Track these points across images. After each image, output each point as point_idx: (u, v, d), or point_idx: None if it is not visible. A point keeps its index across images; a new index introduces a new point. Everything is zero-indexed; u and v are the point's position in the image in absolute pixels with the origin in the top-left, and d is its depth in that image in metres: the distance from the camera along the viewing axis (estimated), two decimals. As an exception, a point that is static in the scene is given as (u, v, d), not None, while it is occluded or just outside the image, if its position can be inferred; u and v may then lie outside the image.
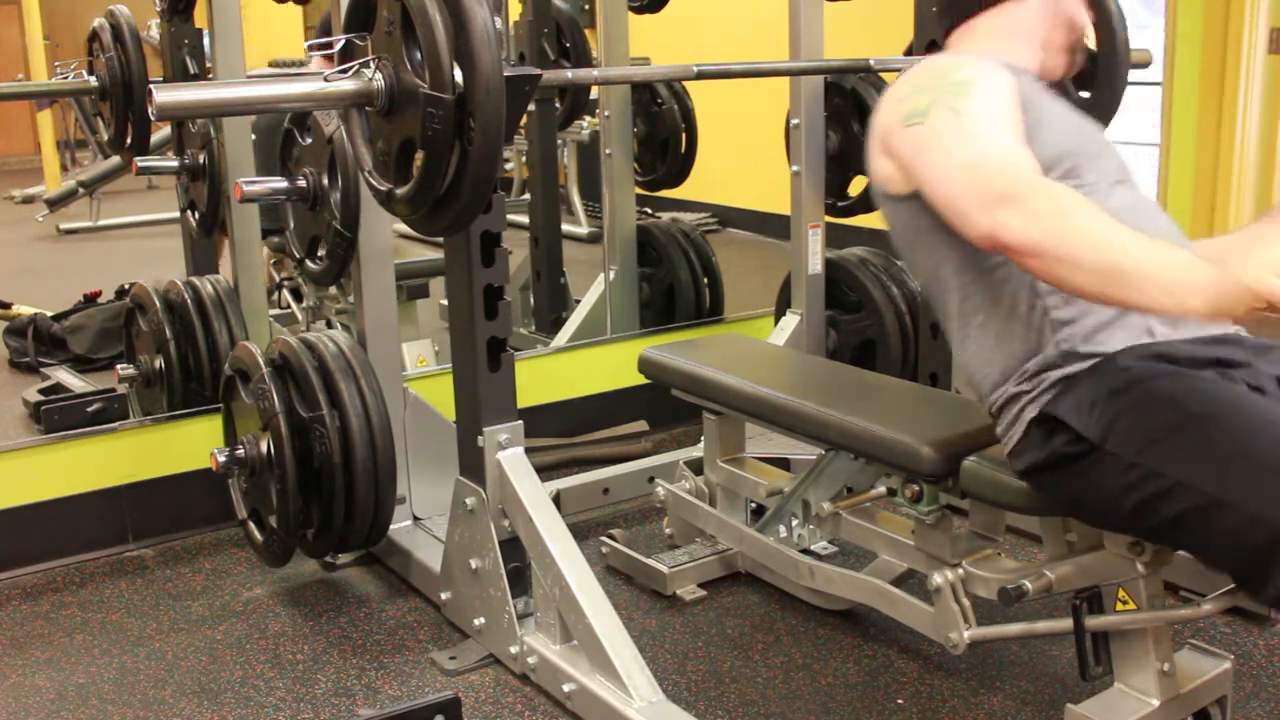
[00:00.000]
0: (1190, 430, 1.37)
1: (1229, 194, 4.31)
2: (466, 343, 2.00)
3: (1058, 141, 1.58)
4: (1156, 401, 1.41)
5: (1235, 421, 1.35)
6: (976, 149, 1.46)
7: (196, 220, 3.01)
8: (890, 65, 2.35)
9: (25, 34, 7.22)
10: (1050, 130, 1.58)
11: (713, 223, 6.22)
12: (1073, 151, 1.59)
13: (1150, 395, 1.42)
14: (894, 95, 1.67)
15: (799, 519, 2.15)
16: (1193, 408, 1.38)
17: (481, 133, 1.55)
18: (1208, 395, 1.38)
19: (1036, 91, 1.65)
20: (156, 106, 1.52)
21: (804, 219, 2.75)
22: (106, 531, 2.62)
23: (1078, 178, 1.56)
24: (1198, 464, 1.35)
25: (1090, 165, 1.60)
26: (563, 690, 1.91)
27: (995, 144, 1.47)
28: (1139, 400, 1.42)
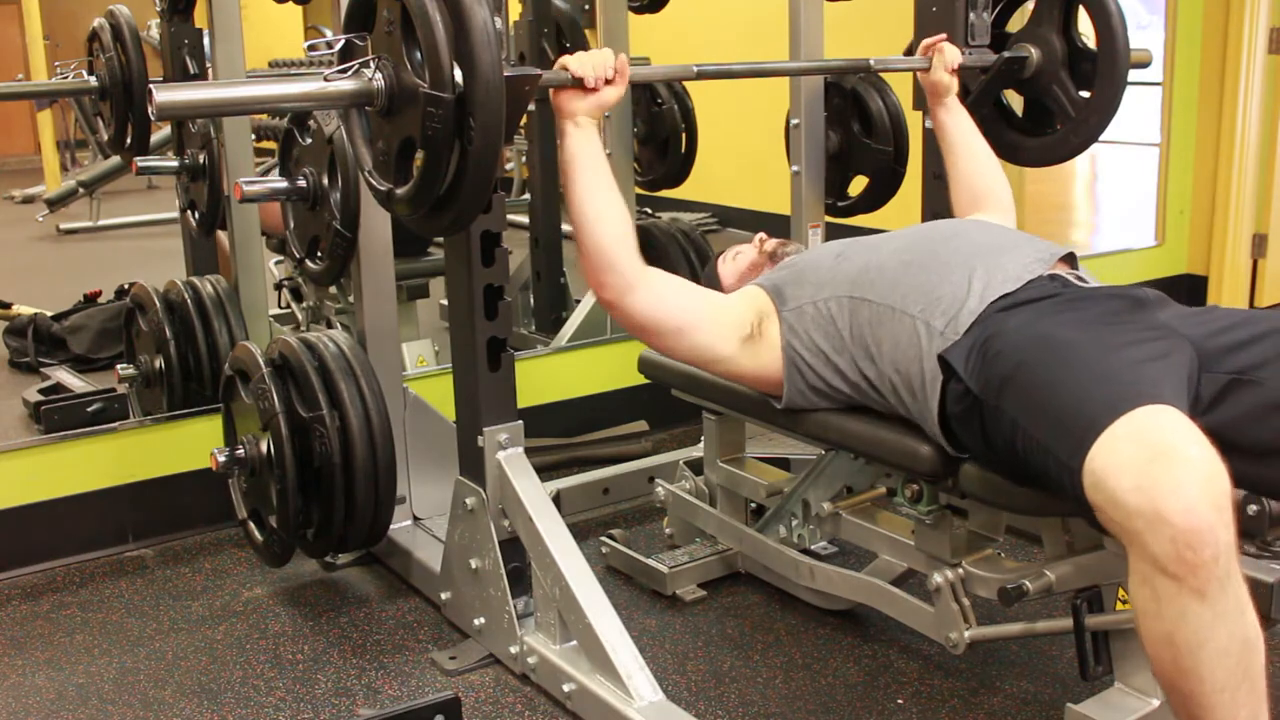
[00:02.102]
0: (1022, 374, 1.50)
1: (1229, 194, 4.30)
2: (466, 343, 2.00)
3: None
4: (1010, 348, 1.55)
5: (1056, 360, 1.47)
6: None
7: (196, 220, 3.01)
8: (890, 65, 2.34)
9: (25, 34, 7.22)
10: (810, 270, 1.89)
11: (713, 223, 6.22)
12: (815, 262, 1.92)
13: (1006, 343, 1.56)
14: None
15: (799, 519, 2.15)
16: (1028, 348, 1.52)
17: (481, 133, 1.54)
18: (1044, 333, 1.53)
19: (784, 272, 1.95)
20: (156, 106, 1.52)
21: (804, 219, 2.75)
22: (106, 531, 2.62)
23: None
24: (1029, 410, 1.47)
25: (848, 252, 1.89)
26: (563, 690, 1.91)
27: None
28: (997, 347, 1.56)
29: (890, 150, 2.81)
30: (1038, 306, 1.62)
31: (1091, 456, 1.31)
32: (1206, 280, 4.41)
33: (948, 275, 1.71)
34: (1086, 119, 2.37)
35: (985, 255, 1.74)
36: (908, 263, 1.77)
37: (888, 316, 1.73)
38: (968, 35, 2.42)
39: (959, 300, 1.66)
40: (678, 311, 1.81)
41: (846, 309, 1.78)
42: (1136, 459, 1.27)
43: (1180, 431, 1.28)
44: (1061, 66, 2.39)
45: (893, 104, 2.81)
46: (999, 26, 2.53)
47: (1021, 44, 2.45)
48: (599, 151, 1.80)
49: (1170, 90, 4.32)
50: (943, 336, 1.65)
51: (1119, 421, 1.31)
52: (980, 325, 1.62)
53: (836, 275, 1.83)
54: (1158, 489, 1.23)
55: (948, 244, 1.80)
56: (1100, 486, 1.29)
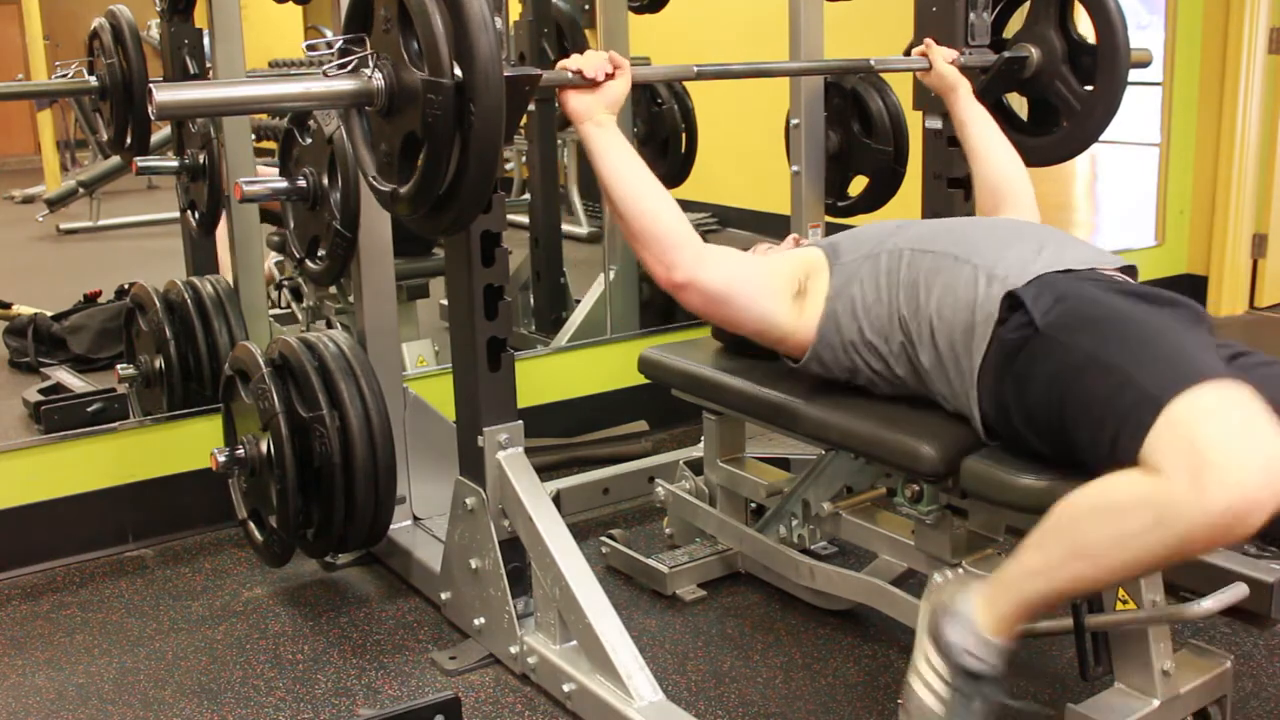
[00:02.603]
0: (1112, 321, 1.51)
1: (1229, 194, 4.31)
2: (466, 343, 2.00)
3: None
4: (1085, 303, 1.56)
5: (1144, 325, 1.49)
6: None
7: (196, 220, 3.01)
8: (890, 65, 2.35)
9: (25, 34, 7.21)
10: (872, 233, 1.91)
11: (713, 223, 6.22)
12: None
13: (1082, 300, 1.57)
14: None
15: (799, 519, 2.15)
16: (1114, 310, 1.54)
17: (482, 127, 1.54)
18: (1125, 310, 1.54)
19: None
20: (156, 106, 1.52)
21: (804, 219, 2.75)
22: (106, 531, 2.62)
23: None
24: (1116, 343, 1.46)
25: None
26: (563, 690, 1.91)
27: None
28: (1073, 303, 1.57)
29: (890, 150, 2.81)
30: (1110, 287, 1.62)
31: (1192, 394, 1.31)
32: (1206, 280, 4.41)
33: (1016, 243, 1.71)
34: (1092, 111, 2.37)
35: (1053, 239, 1.75)
36: (974, 228, 1.80)
37: (948, 265, 1.71)
38: (968, 35, 2.42)
39: (1024, 261, 1.65)
40: (745, 279, 1.82)
41: (906, 258, 1.77)
42: (1234, 417, 1.27)
43: (1258, 412, 1.29)
44: (1062, 62, 2.39)
45: (893, 104, 2.81)
46: (999, 27, 2.54)
47: (1021, 44, 2.45)
48: (627, 146, 1.81)
49: (1170, 90, 4.32)
50: (1003, 282, 1.63)
51: (1220, 382, 1.32)
52: (1049, 284, 1.61)
53: (899, 236, 1.83)
54: (1241, 454, 1.23)
55: (1015, 226, 1.84)
56: (1184, 422, 1.29)
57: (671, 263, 1.77)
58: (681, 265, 1.77)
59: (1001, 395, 1.61)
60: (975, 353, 1.64)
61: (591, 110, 1.79)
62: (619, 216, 1.80)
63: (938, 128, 2.50)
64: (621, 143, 1.80)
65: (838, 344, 1.84)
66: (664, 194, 1.80)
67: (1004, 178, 2.20)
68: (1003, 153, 2.22)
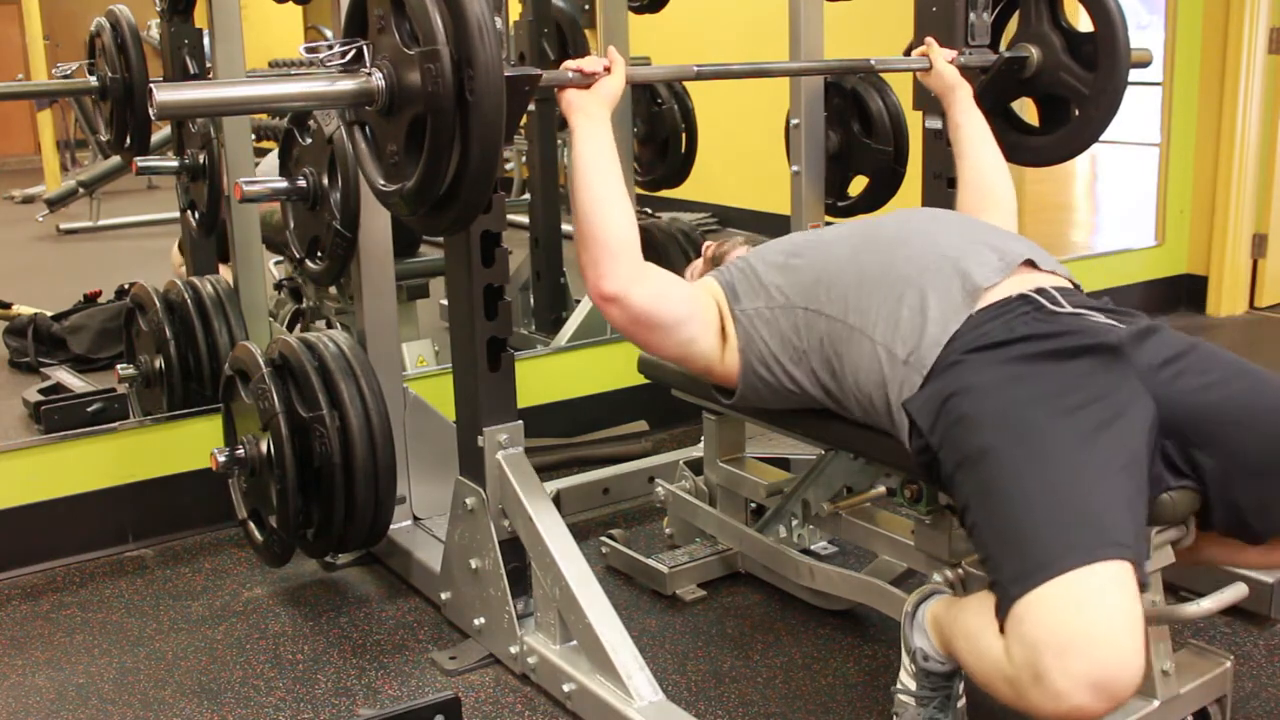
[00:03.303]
0: (984, 466, 1.45)
1: (1229, 194, 4.31)
2: (466, 343, 2.00)
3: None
4: (974, 417, 1.50)
5: (1019, 459, 1.43)
6: None
7: (196, 220, 3.01)
8: (890, 65, 2.34)
9: (25, 34, 7.21)
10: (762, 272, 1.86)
11: (713, 223, 6.22)
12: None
13: (971, 407, 1.51)
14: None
15: (799, 519, 2.15)
16: (992, 429, 1.47)
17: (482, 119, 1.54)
18: (1011, 416, 1.47)
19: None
20: (157, 106, 1.52)
21: (804, 219, 2.74)
22: (106, 531, 2.62)
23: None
24: (984, 509, 1.44)
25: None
26: (563, 690, 1.91)
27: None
28: (962, 410, 1.51)
29: (890, 150, 2.81)
30: (1005, 355, 1.55)
31: (1031, 599, 1.31)
32: (1206, 280, 4.41)
33: (904, 293, 1.66)
34: (1101, 93, 2.36)
35: (940, 270, 1.67)
36: (859, 273, 1.73)
37: (845, 334, 1.71)
38: (968, 35, 2.42)
39: (918, 327, 1.62)
40: (677, 305, 1.81)
41: (802, 321, 1.77)
42: (1073, 626, 1.28)
43: (1111, 616, 1.29)
44: (1063, 54, 2.40)
45: (893, 104, 2.81)
46: (999, 27, 2.54)
47: (1021, 44, 2.45)
48: (609, 144, 1.79)
49: (1170, 90, 4.32)
50: (906, 366, 1.61)
51: (1062, 579, 1.31)
52: (946, 369, 1.57)
53: (790, 281, 1.81)
54: (1072, 671, 1.26)
55: (898, 252, 1.74)
56: (1023, 627, 1.31)
57: (603, 272, 1.76)
58: (612, 277, 1.75)
59: (925, 474, 1.64)
60: (902, 431, 1.64)
61: (584, 103, 1.79)
62: (574, 212, 1.78)
63: (938, 128, 2.50)
64: (605, 141, 1.79)
65: (763, 391, 1.85)
66: (624, 203, 1.77)
67: (989, 184, 2.18)
68: (991, 159, 2.22)
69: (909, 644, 1.64)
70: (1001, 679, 1.35)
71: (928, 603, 1.65)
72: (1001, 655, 1.34)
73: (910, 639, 1.64)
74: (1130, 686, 1.27)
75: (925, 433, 1.56)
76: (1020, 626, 1.32)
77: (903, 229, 1.83)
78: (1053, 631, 1.28)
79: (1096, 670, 1.25)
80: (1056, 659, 1.27)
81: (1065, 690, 1.26)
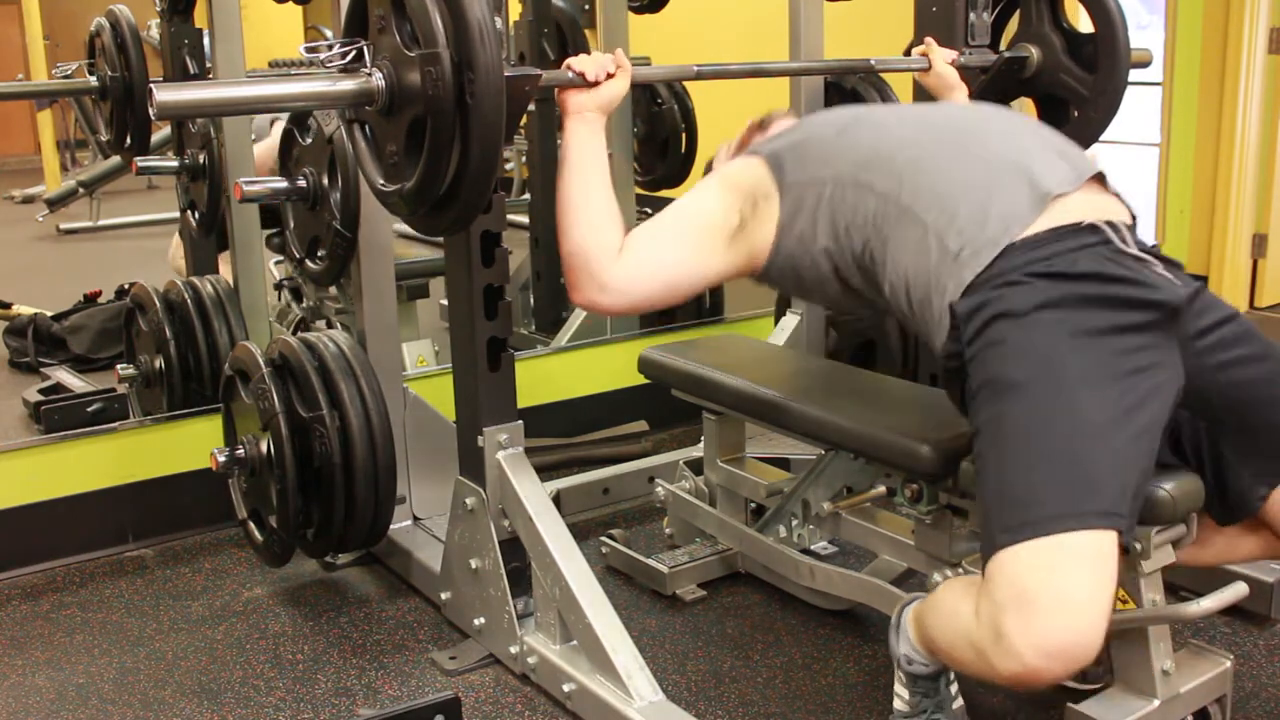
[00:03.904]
0: (1009, 402, 1.44)
1: (1229, 194, 4.31)
2: (466, 343, 2.00)
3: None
4: (1015, 346, 1.47)
5: (1044, 409, 1.42)
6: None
7: (196, 220, 3.01)
8: (890, 65, 2.35)
9: (25, 34, 7.21)
10: (814, 143, 1.78)
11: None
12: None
13: (1015, 334, 1.47)
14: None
15: (799, 519, 2.15)
16: (1030, 368, 1.44)
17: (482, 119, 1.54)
18: (1052, 363, 1.44)
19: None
20: (157, 106, 1.52)
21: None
22: (106, 531, 2.62)
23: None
24: (994, 447, 1.45)
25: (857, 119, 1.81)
26: (563, 690, 1.91)
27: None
28: (1003, 334, 1.48)
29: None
30: (1066, 291, 1.47)
31: (1011, 553, 1.34)
32: (1206, 280, 4.41)
33: (966, 184, 1.58)
34: (1100, 94, 2.36)
35: (1007, 168, 1.59)
36: (920, 155, 1.64)
37: (895, 215, 1.61)
38: (968, 35, 2.43)
39: (977, 222, 1.53)
40: (660, 276, 1.73)
41: (850, 195, 1.66)
42: (1045, 589, 1.31)
43: (1080, 585, 1.31)
44: (1063, 54, 2.40)
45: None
46: (999, 27, 2.54)
47: (1021, 44, 2.45)
48: (599, 150, 1.77)
49: (1170, 90, 4.32)
50: (957, 261, 1.53)
51: (1045, 540, 1.33)
52: (1001, 284, 1.49)
53: (841, 153, 1.71)
54: (1030, 633, 1.30)
55: (967, 142, 1.66)
56: (995, 580, 1.35)
57: (572, 283, 1.73)
58: (579, 288, 1.72)
59: (947, 379, 1.61)
60: (937, 330, 1.58)
61: (583, 106, 1.78)
62: (558, 214, 1.74)
63: (938, 128, 2.50)
64: (596, 145, 1.77)
65: (789, 271, 1.77)
66: (606, 210, 1.73)
67: None
68: None
69: (895, 653, 1.65)
70: (967, 643, 1.37)
71: (909, 607, 1.66)
72: (971, 617, 1.37)
73: (895, 647, 1.65)
74: (1085, 658, 1.30)
75: (963, 339, 1.51)
76: (991, 583, 1.35)
77: (970, 119, 1.75)
78: (1020, 591, 1.31)
79: (1053, 636, 1.29)
80: (1017, 618, 1.30)
81: (1020, 650, 1.29)
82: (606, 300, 1.73)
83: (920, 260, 1.58)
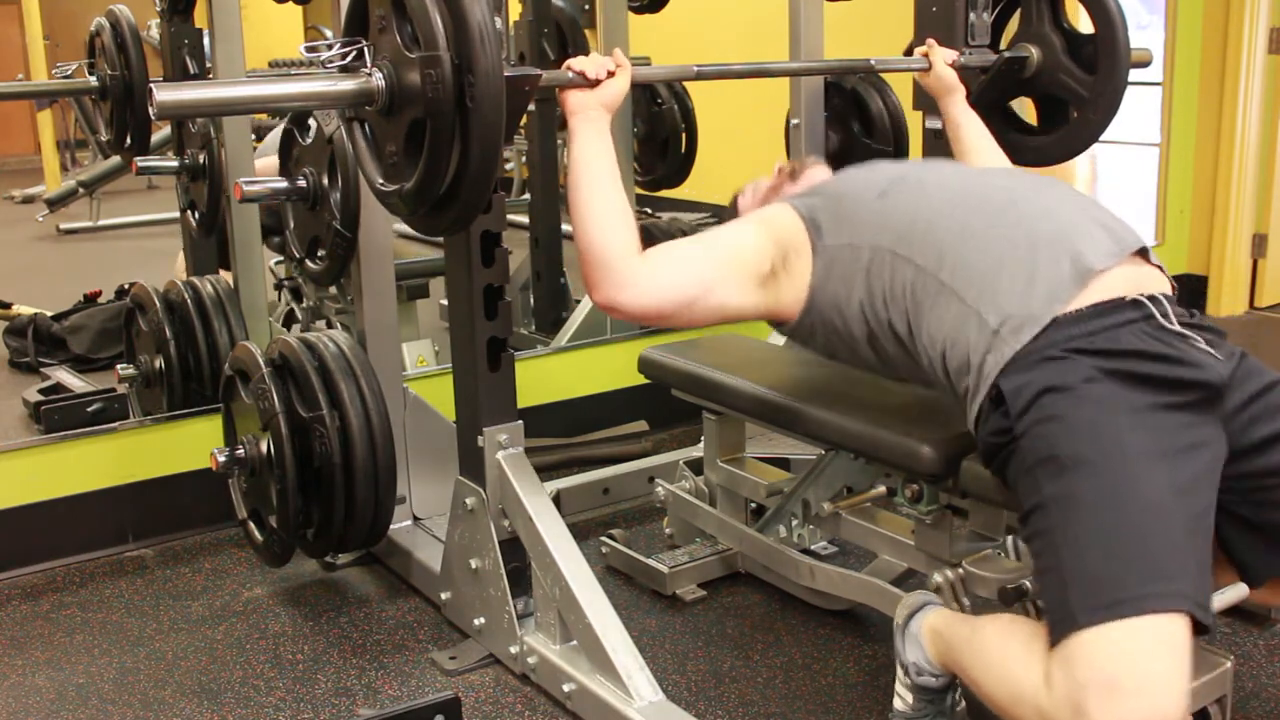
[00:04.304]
0: (1078, 479, 1.41)
1: (1229, 194, 4.31)
2: (466, 343, 2.00)
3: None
4: (1070, 422, 1.44)
5: (1112, 490, 1.39)
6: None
7: (196, 220, 3.01)
8: (890, 65, 2.35)
9: (25, 34, 7.21)
10: (851, 204, 1.78)
11: (713, 223, 6.20)
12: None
13: (1069, 410, 1.45)
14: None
15: (799, 519, 2.15)
16: (1092, 447, 1.42)
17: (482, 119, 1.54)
18: (1113, 442, 1.42)
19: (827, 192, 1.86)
20: (157, 105, 1.52)
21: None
22: (106, 531, 2.62)
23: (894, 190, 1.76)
24: (1068, 522, 1.40)
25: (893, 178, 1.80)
26: (563, 690, 1.91)
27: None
28: (1059, 410, 1.45)
29: (890, 150, 2.81)
30: (1110, 367, 1.47)
31: (1095, 634, 1.31)
32: (1206, 280, 4.42)
33: (1007, 259, 1.56)
34: (1100, 95, 2.36)
35: (1050, 243, 1.57)
36: (961, 227, 1.63)
37: (934, 289, 1.60)
38: (968, 35, 2.43)
39: (1019, 298, 1.53)
40: (682, 286, 1.71)
41: (888, 265, 1.65)
42: (1127, 673, 1.28)
43: (1166, 671, 1.29)
44: (1063, 54, 2.40)
45: (893, 104, 2.82)
46: (999, 28, 2.54)
47: (1021, 44, 2.45)
48: (607, 148, 1.75)
49: (1170, 90, 4.32)
50: (997, 335, 1.52)
51: (1129, 623, 1.30)
52: (1045, 360, 1.49)
53: (880, 220, 1.70)
54: (1114, 715, 1.26)
55: (1006, 214, 1.64)
56: (1077, 660, 1.30)
57: (594, 282, 1.70)
58: (602, 286, 1.69)
59: (989, 453, 1.58)
60: (971, 402, 1.58)
61: (585, 105, 1.76)
62: (571, 216, 1.74)
63: (938, 128, 2.50)
64: (604, 144, 1.75)
65: (819, 332, 1.77)
66: (618, 215, 1.71)
67: None
68: (997, 156, 2.22)
69: (902, 658, 1.63)
70: (1032, 708, 1.34)
71: (922, 614, 1.63)
72: (1038, 683, 1.33)
73: (903, 653, 1.62)
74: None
75: (1013, 415, 1.48)
76: (1070, 661, 1.31)
77: (1011, 189, 1.72)
78: (1106, 673, 1.28)
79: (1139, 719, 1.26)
80: (1103, 699, 1.26)
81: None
82: (625, 297, 1.69)
83: (958, 334, 1.58)
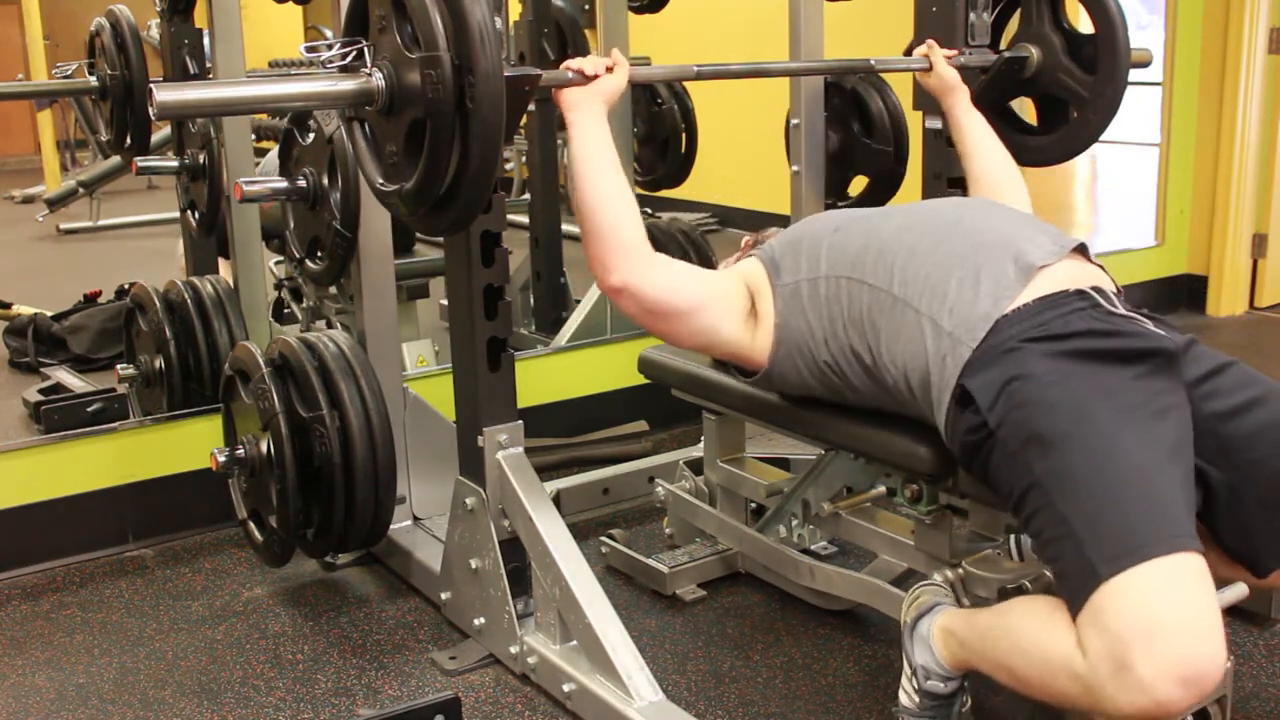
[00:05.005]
0: (1064, 449, 1.42)
1: (1229, 194, 4.31)
2: (466, 343, 2.00)
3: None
4: (1043, 403, 1.47)
5: (1099, 450, 1.40)
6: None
7: (196, 220, 3.01)
8: (890, 65, 2.34)
9: (25, 34, 7.21)
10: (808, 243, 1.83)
11: (713, 223, 6.22)
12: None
13: (1038, 393, 1.48)
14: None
15: (799, 519, 2.15)
16: (1066, 417, 1.44)
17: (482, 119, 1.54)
18: (1083, 407, 1.44)
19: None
20: (157, 106, 1.52)
21: (804, 219, 2.74)
22: (106, 531, 2.62)
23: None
24: (1067, 491, 1.40)
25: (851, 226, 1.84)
26: (563, 690, 1.91)
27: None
28: (1027, 394, 1.48)
29: (890, 150, 2.81)
30: (1064, 348, 1.51)
31: (1122, 581, 1.28)
32: (1206, 280, 4.42)
33: (954, 267, 1.63)
34: (1100, 95, 2.36)
35: (993, 248, 1.64)
36: (910, 247, 1.69)
37: (888, 304, 1.66)
38: (968, 35, 2.43)
39: (967, 300, 1.59)
40: (689, 292, 1.79)
41: (844, 290, 1.72)
42: (1164, 611, 1.25)
43: (1200, 606, 1.27)
44: (1063, 55, 2.40)
45: (893, 104, 2.81)
46: (999, 28, 2.54)
47: (1021, 44, 2.45)
48: (607, 141, 1.79)
49: (1170, 90, 4.32)
50: (951, 337, 1.58)
51: (1163, 560, 1.29)
52: (1002, 354, 1.53)
53: (834, 252, 1.77)
54: (1161, 660, 1.23)
55: (952, 230, 1.71)
56: (1109, 611, 1.28)
57: (610, 265, 1.75)
58: (619, 270, 1.74)
59: (968, 453, 1.59)
60: (939, 409, 1.61)
61: (582, 100, 1.78)
62: (577, 208, 1.77)
63: (938, 128, 2.50)
64: (604, 137, 1.78)
65: (790, 372, 1.83)
66: (627, 197, 1.77)
67: (1001, 180, 2.18)
68: (1000, 155, 2.22)
69: (911, 661, 1.62)
70: (1069, 676, 1.31)
71: (932, 615, 1.62)
72: (1070, 649, 1.31)
73: (912, 655, 1.61)
74: (1215, 681, 1.24)
75: (984, 410, 1.50)
76: (1102, 615, 1.28)
77: (956, 210, 1.81)
78: (1141, 618, 1.25)
79: (1186, 661, 1.23)
80: (1145, 647, 1.23)
81: (1152, 681, 1.22)
82: (640, 280, 1.75)
83: (915, 346, 1.63)
